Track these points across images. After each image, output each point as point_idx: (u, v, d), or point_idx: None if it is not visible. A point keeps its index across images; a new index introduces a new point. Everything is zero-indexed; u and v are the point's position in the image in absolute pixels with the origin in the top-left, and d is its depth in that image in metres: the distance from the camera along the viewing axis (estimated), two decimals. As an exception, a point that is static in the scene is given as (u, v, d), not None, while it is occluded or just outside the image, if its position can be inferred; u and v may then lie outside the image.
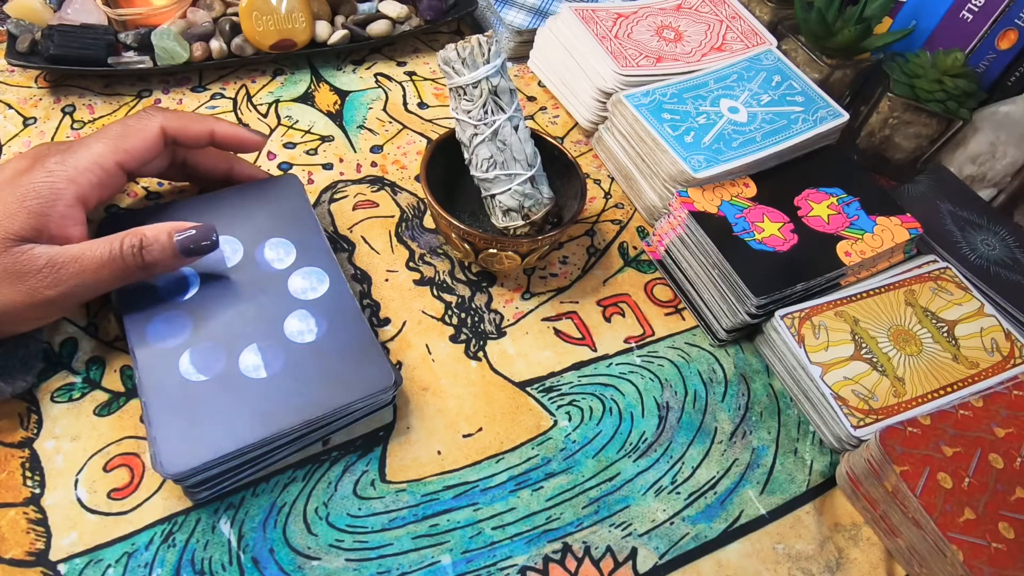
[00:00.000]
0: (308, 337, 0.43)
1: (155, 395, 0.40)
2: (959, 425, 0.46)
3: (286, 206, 0.50)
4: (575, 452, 0.46)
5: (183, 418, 0.39)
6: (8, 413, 0.42)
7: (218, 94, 0.62)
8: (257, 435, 0.39)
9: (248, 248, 0.47)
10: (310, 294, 0.45)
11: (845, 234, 0.55)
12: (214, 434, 0.38)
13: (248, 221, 0.48)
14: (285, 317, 0.44)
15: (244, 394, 0.40)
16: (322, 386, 0.41)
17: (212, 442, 0.38)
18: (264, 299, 0.45)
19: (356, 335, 0.44)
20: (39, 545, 0.38)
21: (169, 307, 0.43)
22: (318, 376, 0.42)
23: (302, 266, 0.47)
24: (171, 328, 0.42)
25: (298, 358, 0.42)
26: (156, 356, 0.41)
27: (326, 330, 0.44)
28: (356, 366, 0.42)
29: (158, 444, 0.38)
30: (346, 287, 0.46)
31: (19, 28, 0.57)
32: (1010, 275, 0.58)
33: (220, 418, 0.39)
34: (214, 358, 0.41)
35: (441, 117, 0.65)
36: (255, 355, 0.42)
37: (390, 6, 0.67)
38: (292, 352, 0.43)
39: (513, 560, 0.42)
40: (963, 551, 0.41)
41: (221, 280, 0.45)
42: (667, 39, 0.67)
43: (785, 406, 0.51)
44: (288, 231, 0.48)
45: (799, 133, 0.59)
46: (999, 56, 0.67)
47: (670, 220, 0.56)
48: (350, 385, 0.42)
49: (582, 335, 0.52)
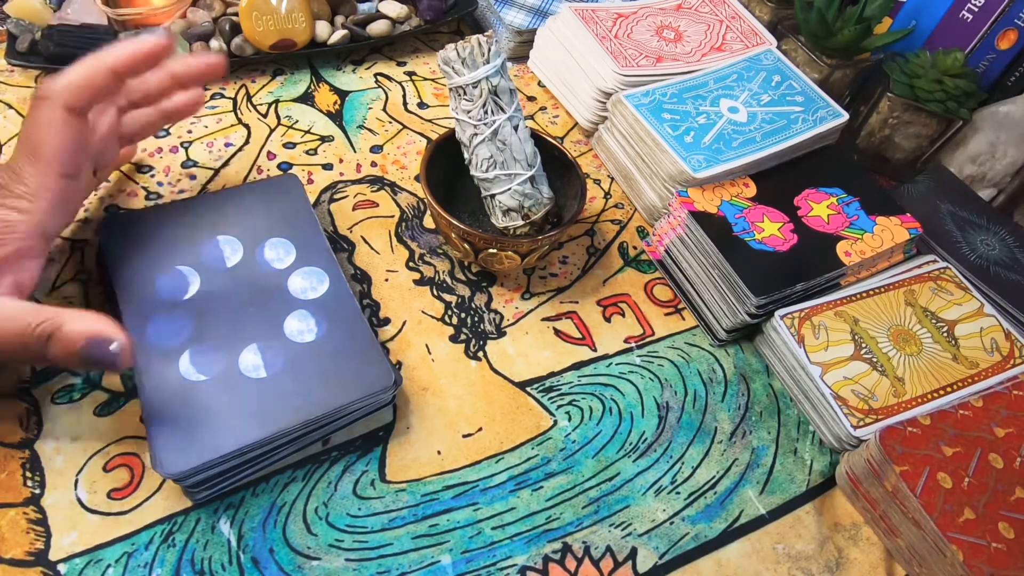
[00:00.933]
0: (308, 337, 0.43)
1: (155, 395, 0.39)
2: (959, 425, 0.46)
3: (286, 206, 0.50)
4: (575, 452, 0.46)
5: (183, 418, 0.39)
6: (8, 415, 0.42)
7: (218, 94, 0.62)
8: (257, 435, 0.39)
9: (248, 248, 0.47)
10: (310, 294, 0.45)
11: (845, 234, 0.55)
12: (214, 434, 0.38)
13: (248, 221, 0.48)
14: (285, 317, 0.44)
15: (244, 394, 0.40)
16: (322, 386, 0.41)
17: (212, 442, 0.38)
18: (264, 299, 0.45)
19: (356, 335, 0.44)
20: (39, 545, 0.38)
21: (169, 306, 0.43)
22: (318, 376, 0.42)
23: (302, 266, 0.47)
24: (171, 328, 0.42)
25: (298, 358, 0.42)
26: (156, 356, 0.41)
27: (326, 330, 0.44)
28: (356, 366, 0.42)
29: (157, 444, 0.38)
30: (346, 287, 0.46)
31: (19, 28, 0.57)
32: (1010, 275, 0.58)
33: (220, 418, 0.39)
34: (214, 358, 0.41)
35: (441, 117, 0.65)
36: (255, 355, 0.42)
37: (390, 6, 0.67)
38: (292, 352, 0.42)
39: (513, 560, 0.42)
40: (963, 551, 0.41)
41: (221, 280, 0.45)
42: (667, 39, 0.67)
43: (785, 406, 0.51)
44: (288, 231, 0.48)
45: (799, 133, 0.59)
46: (999, 56, 0.67)
47: (670, 220, 0.56)
48: (350, 385, 0.41)
49: (582, 335, 0.52)
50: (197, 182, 0.55)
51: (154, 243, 0.46)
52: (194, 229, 0.47)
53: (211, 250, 0.46)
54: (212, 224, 0.48)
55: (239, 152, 0.58)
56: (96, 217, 0.51)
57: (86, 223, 0.51)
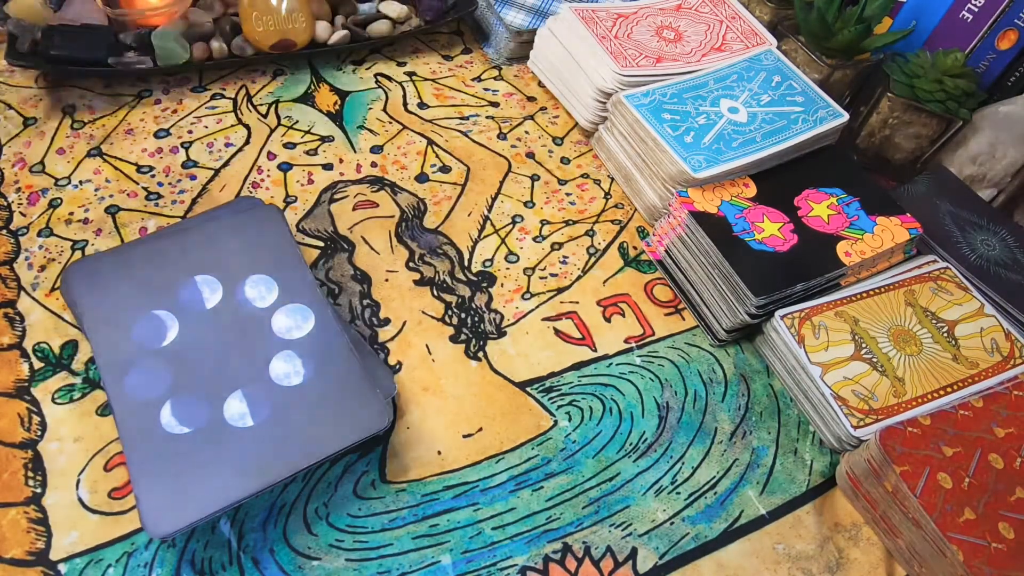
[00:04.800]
0: (295, 380, 0.41)
1: (137, 452, 0.37)
2: (959, 425, 0.46)
3: (265, 239, 0.46)
4: (575, 452, 0.46)
5: (168, 475, 0.37)
6: (9, 414, 0.42)
7: (218, 94, 0.62)
8: (244, 491, 0.37)
9: (227, 287, 0.44)
10: (295, 333, 0.43)
11: (845, 234, 0.55)
12: (200, 492, 0.36)
13: (226, 258, 0.45)
14: (270, 359, 0.41)
15: (230, 446, 0.38)
16: (312, 432, 0.39)
17: (198, 501, 0.36)
18: (247, 341, 0.42)
19: (345, 373, 0.41)
20: (39, 545, 0.38)
21: (147, 355, 0.40)
22: (308, 421, 0.39)
23: (285, 303, 0.44)
24: (150, 378, 0.40)
25: (285, 403, 0.40)
26: (136, 409, 0.38)
27: (314, 370, 0.41)
28: (347, 408, 0.40)
29: (144, 505, 0.36)
30: (333, 323, 0.43)
31: (19, 28, 0.57)
32: (1010, 275, 0.58)
33: (205, 474, 0.37)
34: (197, 408, 0.39)
35: (441, 117, 0.65)
36: (240, 402, 0.39)
37: (390, 6, 0.67)
38: (279, 396, 0.40)
39: (513, 560, 0.42)
40: (963, 551, 0.41)
41: (201, 323, 0.42)
42: (667, 39, 0.67)
43: (785, 406, 0.51)
44: (269, 266, 0.45)
45: (799, 133, 0.59)
46: (999, 56, 0.67)
47: (670, 220, 0.56)
48: (341, 429, 0.39)
49: (582, 335, 0.52)
50: (197, 182, 0.55)
51: (125, 286, 0.42)
52: (169, 269, 0.43)
53: (189, 292, 0.43)
54: (188, 263, 0.44)
55: (239, 152, 0.58)
56: (96, 217, 0.52)
57: (86, 223, 0.51)
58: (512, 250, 0.56)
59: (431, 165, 0.60)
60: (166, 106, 0.60)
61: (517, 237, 0.57)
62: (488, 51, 0.72)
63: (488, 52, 0.72)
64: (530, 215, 0.59)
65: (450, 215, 0.57)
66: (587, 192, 0.62)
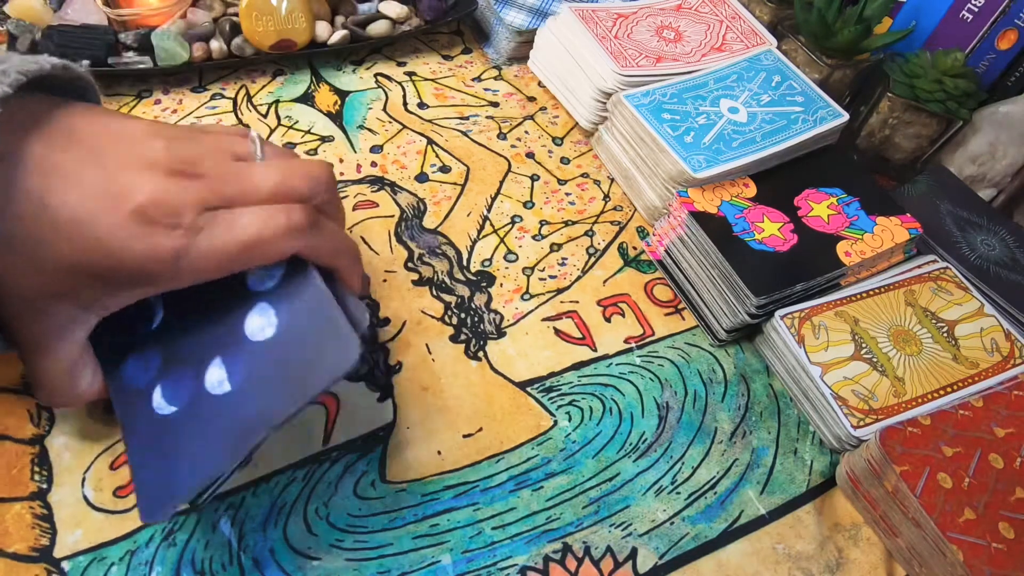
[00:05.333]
0: (268, 332, 0.37)
1: (133, 440, 0.37)
2: (959, 425, 0.46)
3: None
4: (575, 452, 0.46)
5: (158, 459, 0.36)
6: (19, 410, 0.42)
7: (218, 94, 0.62)
8: (225, 462, 0.35)
9: None
10: (268, 282, 0.38)
11: (845, 234, 0.55)
12: (184, 471, 0.35)
13: None
14: (246, 316, 0.38)
15: (210, 416, 0.36)
16: (284, 384, 0.36)
17: (183, 481, 0.35)
18: (223, 303, 0.39)
19: (316, 311, 0.37)
20: (44, 541, 0.38)
21: (139, 341, 0.39)
22: (278, 374, 0.36)
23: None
24: (143, 364, 0.39)
25: (258, 359, 0.37)
26: (132, 398, 0.38)
27: (287, 318, 0.37)
28: (316, 349, 0.36)
29: (139, 494, 0.35)
30: (304, 263, 0.38)
31: (19, 28, 0.57)
32: (1010, 275, 0.58)
33: (189, 451, 0.35)
34: (183, 384, 0.37)
35: (441, 117, 0.65)
36: (219, 368, 0.37)
37: (390, 6, 0.67)
38: (252, 354, 0.37)
39: (513, 560, 0.42)
40: (963, 551, 0.41)
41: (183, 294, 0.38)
42: (667, 39, 0.67)
43: (785, 406, 0.51)
44: None
45: (799, 133, 0.59)
46: (999, 56, 0.67)
47: (670, 220, 0.56)
48: (312, 374, 0.35)
49: (582, 335, 0.52)
50: (197, 182, 0.55)
51: None
52: None
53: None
54: None
55: (239, 152, 0.58)
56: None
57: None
58: (511, 250, 0.56)
59: (431, 165, 0.61)
60: (166, 106, 0.60)
61: (516, 237, 0.57)
62: (488, 51, 0.72)
63: (488, 52, 0.72)
64: (529, 215, 0.59)
65: (450, 215, 0.57)
66: (587, 192, 0.62)
